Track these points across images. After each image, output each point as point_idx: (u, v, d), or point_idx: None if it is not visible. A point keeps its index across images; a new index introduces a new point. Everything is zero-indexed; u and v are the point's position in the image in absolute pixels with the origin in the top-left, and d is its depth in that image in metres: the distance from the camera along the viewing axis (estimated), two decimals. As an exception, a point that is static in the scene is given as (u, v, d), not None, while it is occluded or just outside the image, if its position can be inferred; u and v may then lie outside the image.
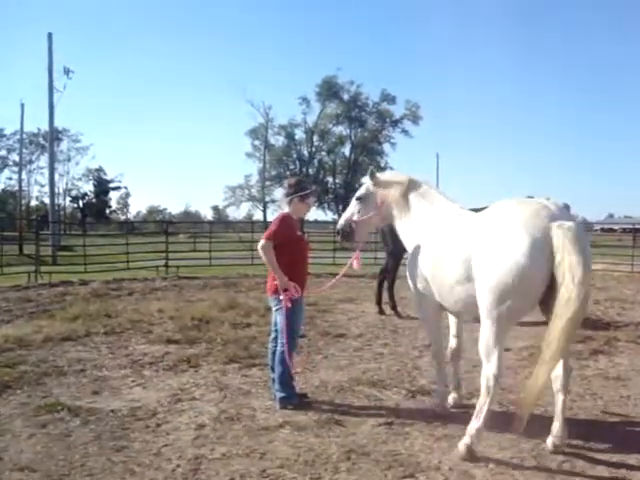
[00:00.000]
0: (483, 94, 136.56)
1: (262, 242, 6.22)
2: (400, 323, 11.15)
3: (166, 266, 20.83)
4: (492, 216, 5.08)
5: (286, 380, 6.29)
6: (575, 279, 4.47)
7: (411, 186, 6.25)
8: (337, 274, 7.83)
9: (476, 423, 4.99)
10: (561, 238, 4.56)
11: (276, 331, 6.43)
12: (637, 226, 41.93)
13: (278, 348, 6.34)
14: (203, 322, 10.60)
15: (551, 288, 4.67)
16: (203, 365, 7.89)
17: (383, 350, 8.98)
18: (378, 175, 6.47)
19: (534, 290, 4.73)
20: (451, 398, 6.32)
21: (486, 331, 4.95)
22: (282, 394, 6.27)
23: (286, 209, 6.56)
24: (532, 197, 9.13)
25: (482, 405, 4.97)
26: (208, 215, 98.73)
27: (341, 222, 6.63)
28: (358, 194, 6.52)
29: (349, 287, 16.71)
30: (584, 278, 4.50)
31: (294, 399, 6.28)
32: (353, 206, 6.53)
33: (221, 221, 72.79)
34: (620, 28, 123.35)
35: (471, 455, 4.97)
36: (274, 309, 6.41)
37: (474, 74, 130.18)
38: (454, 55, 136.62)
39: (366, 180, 6.57)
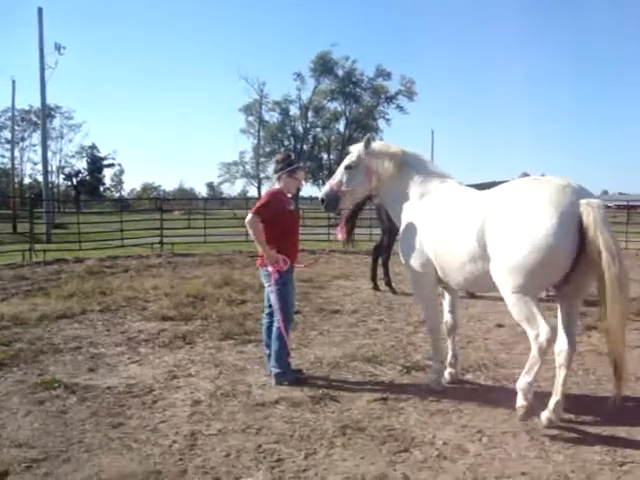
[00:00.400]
0: (478, 71, 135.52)
1: (249, 216, 6.22)
2: (395, 299, 11.20)
3: (161, 243, 20.86)
4: (514, 193, 5.02)
5: (282, 356, 6.32)
6: (615, 256, 4.57)
7: (406, 159, 6.20)
8: (332, 250, 7.84)
9: (528, 377, 5.00)
10: (592, 215, 4.59)
11: (270, 307, 6.46)
12: (631, 203, 42.13)
13: (275, 324, 6.37)
14: (198, 299, 10.63)
15: (576, 263, 4.73)
16: (198, 342, 7.92)
17: (378, 326, 9.03)
18: (370, 145, 6.29)
19: (561, 266, 4.75)
20: (447, 374, 6.35)
21: (516, 303, 4.94)
22: (278, 370, 6.31)
23: (277, 185, 6.55)
24: (527, 174, 9.17)
25: (532, 365, 4.96)
26: (202, 192, 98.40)
27: (326, 189, 6.42)
28: (347, 162, 6.31)
29: (344, 263, 16.75)
30: (621, 254, 4.67)
31: (289, 375, 6.31)
32: (340, 174, 6.33)
33: (215, 198, 72.61)
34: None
35: (528, 414, 5.04)
36: (266, 284, 6.43)
37: (469, 51, 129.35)
38: (449, 32, 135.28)
39: (356, 149, 6.34)
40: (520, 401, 5.06)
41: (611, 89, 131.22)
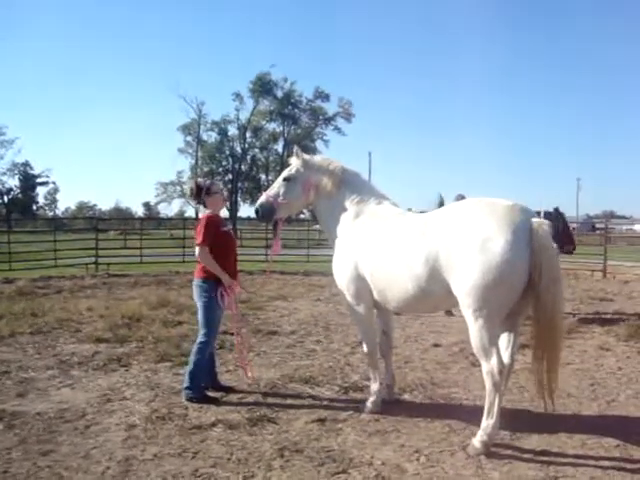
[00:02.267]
0: (416, 94, 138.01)
1: (198, 250, 6.30)
2: (332, 320, 11.20)
3: (96, 263, 20.41)
4: (465, 214, 5.06)
5: (195, 372, 6.30)
6: (555, 280, 4.78)
7: (345, 177, 6.20)
8: (270, 271, 7.80)
9: (491, 420, 5.02)
10: (541, 236, 4.74)
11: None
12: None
13: (197, 339, 6.40)
14: (134, 320, 10.44)
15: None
16: (134, 364, 7.76)
17: (315, 347, 9.01)
18: (308, 158, 6.32)
19: (519, 282, 4.81)
20: (384, 394, 6.36)
21: (478, 330, 4.91)
22: (187, 384, 6.31)
23: (207, 212, 6.62)
24: (463, 196, 9.36)
25: (492, 401, 4.98)
26: (139, 212, 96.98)
27: (262, 200, 6.33)
28: (286, 174, 6.28)
29: (282, 284, 16.69)
30: (560, 277, 4.89)
31: (198, 392, 6.29)
32: (278, 186, 6.29)
33: (152, 218, 71.73)
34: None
35: (487, 450, 5.02)
36: (196, 296, 6.42)
37: (405, 73, 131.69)
38: (385, 55, 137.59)
39: (294, 161, 6.32)
40: (480, 438, 5.06)
41: (543, 108, 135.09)
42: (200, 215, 6.84)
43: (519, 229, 4.73)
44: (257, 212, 6.31)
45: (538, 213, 11.42)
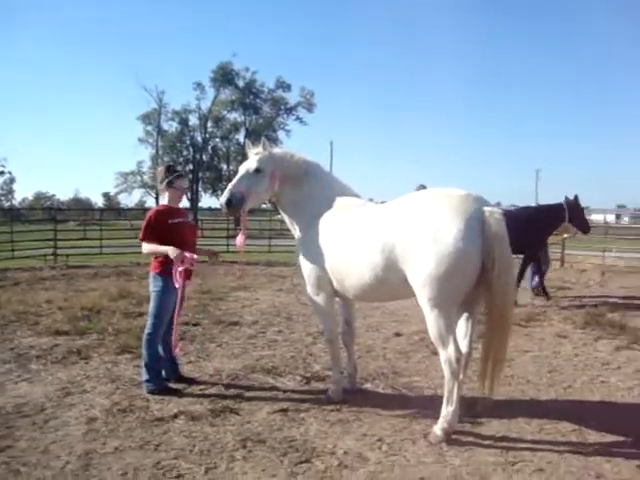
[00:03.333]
0: (377, 84, 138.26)
1: (143, 247, 6.31)
2: (294, 310, 11.21)
3: (54, 255, 20.09)
4: (419, 204, 5.12)
5: (150, 363, 6.29)
6: (506, 267, 4.87)
7: (307, 168, 6.22)
8: (233, 262, 7.75)
9: (450, 407, 5.09)
10: (493, 224, 4.81)
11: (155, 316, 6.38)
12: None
13: (145, 330, 6.36)
14: (94, 312, 10.34)
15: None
16: (94, 356, 7.68)
17: (277, 337, 9.01)
18: (274, 150, 6.31)
19: (473, 271, 4.87)
20: (346, 383, 6.40)
21: (434, 319, 4.97)
22: (145, 377, 6.30)
23: (164, 200, 6.57)
24: (424, 186, 9.43)
25: (451, 389, 5.06)
26: (99, 202, 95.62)
27: (232, 190, 6.13)
28: (255, 166, 6.13)
29: (243, 274, 16.63)
30: (512, 265, 5.00)
31: (158, 384, 6.26)
32: (247, 177, 6.15)
33: (112, 208, 70.77)
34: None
35: (448, 438, 5.08)
36: (151, 290, 6.38)
37: (368, 63, 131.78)
38: (348, 44, 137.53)
39: (259, 150, 6.22)
40: (441, 426, 5.13)
41: (509, 100, 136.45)
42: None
43: (472, 218, 4.80)
44: (229, 203, 6.09)
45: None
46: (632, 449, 4.98)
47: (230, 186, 6.16)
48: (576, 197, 12.71)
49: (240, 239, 6.52)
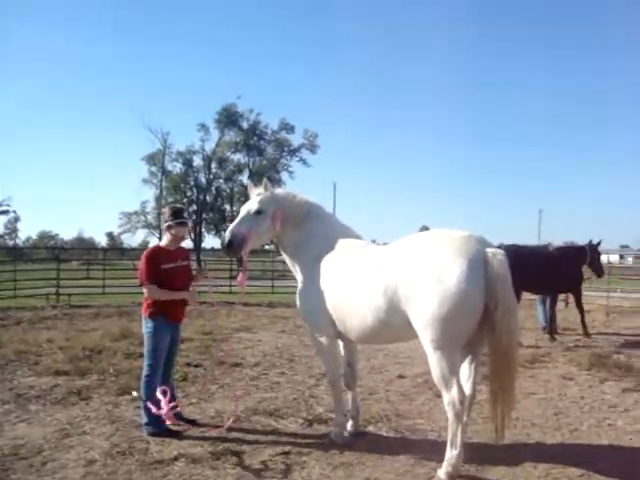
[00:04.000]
0: (379, 127, 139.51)
1: (144, 290, 6.29)
2: (297, 352, 11.12)
3: (57, 294, 20.06)
4: (422, 246, 5.11)
5: (147, 406, 6.21)
6: (510, 309, 4.82)
7: (309, 209, 6.21)
8: (233, 302, 7.73)
9: (455, 450, 5.01)
10: (496, 266, 4.79)
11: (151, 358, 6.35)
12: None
13: (143, 372, 6.32)
14: (95, 352, 10.28)
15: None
16: (94, 397, 7.60)
17: (280, 379, 8.93)
18: (276, 191, 6.29)
19: (477, 312, 4.83)
20: (349, 426, 6.32)
21: (437, 361, 4.92)
22: (145, 419, 6.25)
23: (163, 240, 6.61)
24: (427, 228, 9.43)
25: (455, 432, 4.99)
26: (102, 242, 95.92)
27: (233, 231, 6.09)
28: (256, 207, 6.13)
29: (245, 315, 16.56)
30: (515, 307, 4.97)
31: (158, 426, 6.17)
32: (248, 219, 6.13)
33: (116, 248, 70.93)
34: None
35: None
36: (144, 332, 6.36)
37: (370, 106, 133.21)
38: (350, 87, 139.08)
39: (261, 192, 6.21)
40: (445, 469, 5.05)
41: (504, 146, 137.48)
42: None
43: (474, 259, 4.78)
44: (230, 244, 6.06)
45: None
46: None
47: (231, 227, 6.16)
48: (599, 242, 13.37)
49: (241, 278, 6.50)
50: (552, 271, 12.54)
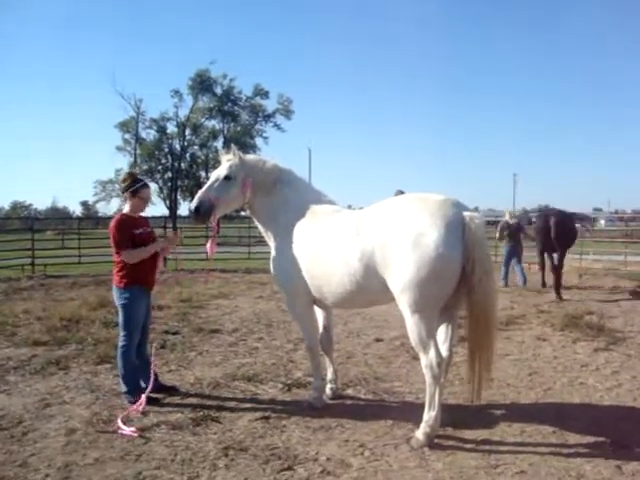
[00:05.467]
0: (356, 89, 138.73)
1: (123, 257, 6.20)
2: (274, 317, 11.20)
3: (32, 265, 19.89)
4: (399, 210, 5.09)
5: (127, 375, 6.27)
6: (487, 271, 4.86)
7: (280, 175, 6.19)
8: (211, 269, 7.70)
9: (432, 411, 5.08)
10: (473, 229, 4.81)
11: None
12: (498, 219, 44.25)
13: (118, 342, 6.33)
14: (73, 322, 10.25)
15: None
16: (73, 367, 7.61)
17: (258, 344, 9.00)
18: (246, 157, 6.23)
19: (454, 276, 4.87)
20: (328, 390, 6.40)
21: (415, 324, 4.95)
22: (123, 388, 6.29)
23: (125, 209, 6.51)
24: (402, 192, 9.46)
25: (432, 394, 5.05)
26: (77, 211, 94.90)
27: (202, 198, 6.07)
28: (225, 172, 6.10)
29: (223, 282, 16.60)
30: (492, 269, 4.99)
31: (136, 395, 6.18)
32: (217, 184, 6.10)
33: (91, 217, 70.36)
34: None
35: (430, 442, 5.09)
36: (117, 303, 6.35)
37: (346, 65, 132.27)
38: (326, 52, 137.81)
39: (230, 158, 6.18)
40: (423, 430, 5.14)
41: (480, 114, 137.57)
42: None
43: (452, 223, 4.80)
44: (197, 210, 6.05)
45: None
46: (611, 449, 5.02)
47: (199, 193, 6.13)
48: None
49: (210, 246, 6.46)
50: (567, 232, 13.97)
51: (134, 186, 6.39)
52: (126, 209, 6.48)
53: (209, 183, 6.16)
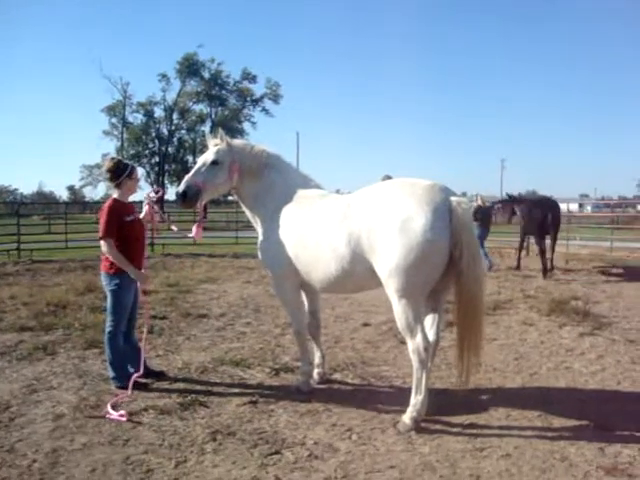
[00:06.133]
0: (344, 74, 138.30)
1: (102, 243, 6.14)
2: (262, 302, 11.21)
3: (18, 250, 19.75)
4: (387, 195, 5.09)
5: (114, 360, 6.26)
6: (474, 256, 4.89)
7: (268, 160, 6.18)
8: (199, 254, 7.67)
9: (419, 396, 5.12)
10: (460, 214, 4.82)
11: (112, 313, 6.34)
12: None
13: (105, 328, 6.31)
14: (60, 307, 10.22)
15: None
16: (61, 352, 7.59)
17: (246, 329, 9.01)
18: (233, 142, 6.23)
19: (441, 261, 4.88)
20: (315, 374, 6.43)
21: (402, 309, 4.98)
22: (111, 374, 6.28)
23: (116, 194, 6.43)
24: (390, 177, 9.46)
25: (419, 378, 5.09)
26: (63, 195, 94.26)
27: (189, 182, 6.06)
28: (212, 157, 6.09)
29: (210, 267, 16.59)
30: (479, 254, 5.03)
31: (124, 380, 6.19)
32: (204, 169, 6.09)
33: (77, 202, 69.89)
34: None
35: (417, 426, 5.13)
36: (107, 289, 6.30)
37: (333, 53, 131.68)
38: (314, 38, 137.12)
39: (217, 142, 6.17)
40: (410, 414, 5.17)
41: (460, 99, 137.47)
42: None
43: (439, 208, 4.81)
44: (184, 195, 6.03)
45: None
46: (595, 432, 5.08)
47: (187, 178, 6.11)
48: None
49: (196, 231, 6.44)
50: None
51: (127, 170, 6.34)
52: (116, 194, 6.42)
53: (196, 168, 6.15)
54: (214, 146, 6.17)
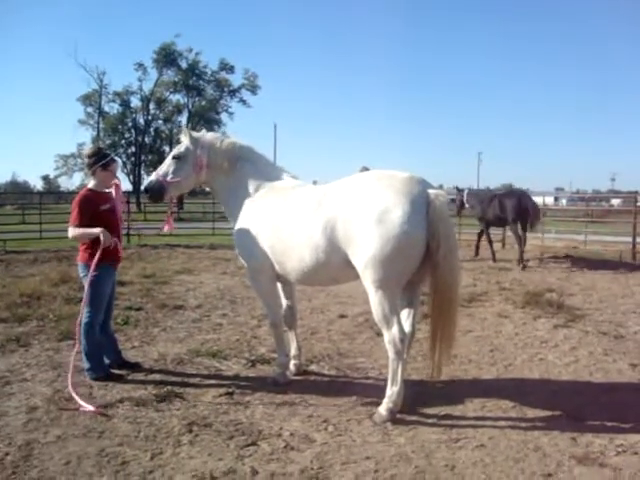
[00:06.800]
0: (322, 66, 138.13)
1: (70, 231, 6.14)
2: (239, 293, 11.18)
3: (-9, 240, 19.51)
4: (363, 186, 5.09)
5: (90, 351, 6.20)
6: (451, 249, 4.89)
7: (240, 153, 6.16)
8: (176, 245, 7.64)
9: (395, 387, 5.13)
10: (437, 207, 4.83)
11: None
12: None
13: (83, 319, 6.20)
14: (33, 298, 10.10)
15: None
16: (34, 344, 7.52)
17: (222, 320, 8.99)
18: (198, 136, 6.20)
19: (418, 253, 4.88)
20: (291, 365, 6.43)
21: (378, 300, 4.98)
22: (87, 365, 6.22)
23: (92, 182, 6.36)
24: (367, 168, 9.47)
25: (395, 369, 5.10)
26: (38, 185, 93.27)
27: (151, 179, 6.19)
28: (175, 152, 6.15)
29: (187, 258, 16.52)
30: (456, 246, 5.02)
31: (100, 371, 6.18)
32: (168, 164, 6.15)
33: (52, 192, 69.14)
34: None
35: (393, 417, 5.14)
36: (84, 279, 6.24)
37: (311, 46, 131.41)
38: (292, 28, 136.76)
39: (184, 138, 6.20)
40: (386, 406, 5.19)
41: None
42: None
43: (416, 200, 4.82)
44: (147, 191, 6.15)
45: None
46: (567, 422, 5.14)
47: (153, 174, 6.14)
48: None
49: (167, 226, 6.46)
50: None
51: (104, 160, 6.25)
52: (92, 184, 6.35)
53: (163, 163, 6.21)
54: (183, 140, 6.18)
